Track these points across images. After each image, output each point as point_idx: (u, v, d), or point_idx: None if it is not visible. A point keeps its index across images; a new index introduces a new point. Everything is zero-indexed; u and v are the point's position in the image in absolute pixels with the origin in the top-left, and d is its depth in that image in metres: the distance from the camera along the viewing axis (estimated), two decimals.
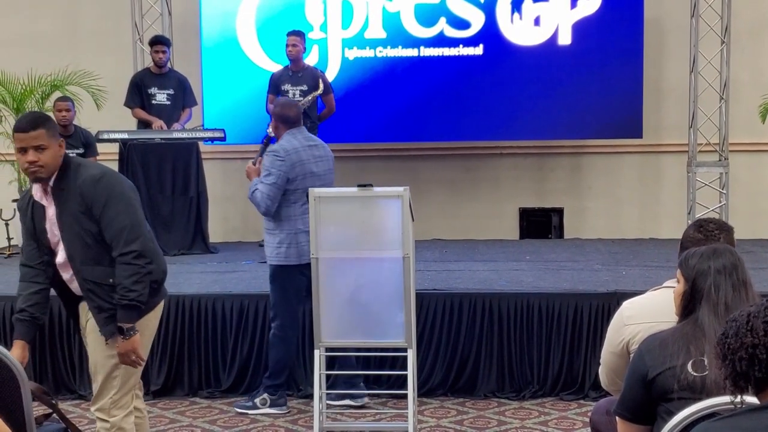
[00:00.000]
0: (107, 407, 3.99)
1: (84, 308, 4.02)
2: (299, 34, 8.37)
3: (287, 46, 8.29)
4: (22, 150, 3.78)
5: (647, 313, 3.29)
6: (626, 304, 3.40)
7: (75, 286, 3.98)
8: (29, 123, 3.81)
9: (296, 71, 8.34)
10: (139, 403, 4.26)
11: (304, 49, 8.43)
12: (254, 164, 5.77)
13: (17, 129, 3.82)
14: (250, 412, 5.73)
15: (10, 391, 3.28)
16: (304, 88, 8.26)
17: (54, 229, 3.90)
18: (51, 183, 3.86)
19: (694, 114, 9.17)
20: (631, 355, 3.24)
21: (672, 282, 3.33)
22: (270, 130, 8.37)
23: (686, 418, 2.52)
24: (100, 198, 3.80)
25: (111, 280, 3.86)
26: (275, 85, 8.37)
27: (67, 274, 3.97)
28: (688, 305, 2.91)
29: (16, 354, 3.82)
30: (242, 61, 9.19)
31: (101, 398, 4.01)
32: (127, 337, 3.85)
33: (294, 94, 8.24)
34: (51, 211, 3.89)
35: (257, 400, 5.75)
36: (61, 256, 3.94)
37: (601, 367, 3.51)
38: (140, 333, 3.93)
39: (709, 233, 3.42)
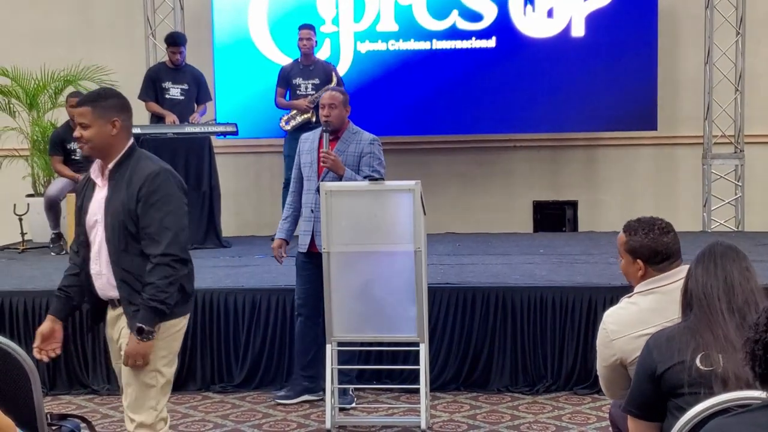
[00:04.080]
0: (152, 421, 3.77)
1: (114, 318, 3.84)
2: (311, 28, 8.35)
3: (300, 39, 8.25)
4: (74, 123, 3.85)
5: (630, 323, 3.29)
6: (607, 319, 3.37)
7: (100, 283, 3.80)
8: (80, 98, 3.78)
9: (307, 65, 8.31)
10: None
11: (316, 42, 8.41)
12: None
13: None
14: None
15: (20, 386, 3.28)
16: (316, 81, 8.23)
17: (98, 213, 3.77)
18: (110, 166, 3.77)
19: (709, 106, 9.12)
20: (629, 369, 3.23)
21: (643, 286, 3.35)
22: (282, 123, 8.39)
23: (699, 414, 2.49)
24: (152, 195, 3.69)
25: None
26: (285, 79, 8.35)
27: (97, 266, 3.79)
28: (690, 303, 2.92)
29: (44, 327, 3.82)
30: (254, 55, 9.18)
31: (141, 410, 3.76)
32: (144, 340, 3.66)
33: (306, 88, 8.21)
34: (102, 194, 3.78)
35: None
36: (97, 244, 3.78)
37: (600, 378, 3.49)
38: (168, 340, 3.78)
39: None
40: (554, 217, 9.58)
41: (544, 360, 5.97)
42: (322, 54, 8.91)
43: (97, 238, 3.78)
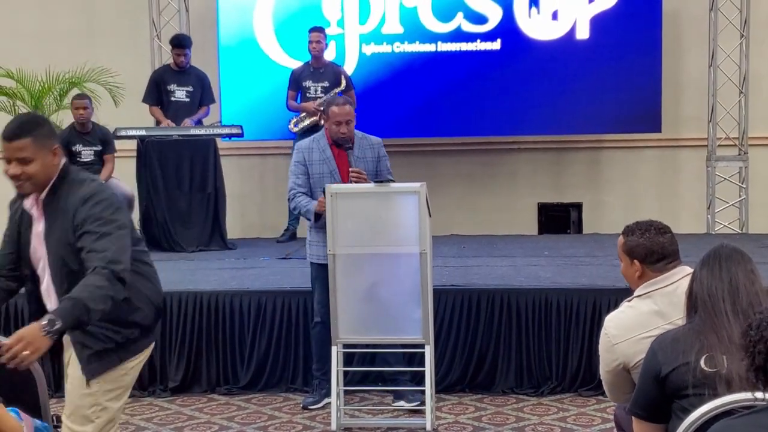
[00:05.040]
0: None
1: (67, 341, 3.44)
2: (321, 31, 8.34)
3: (310, 42, 8.24)
4: (7, 160, 3.32)
5: (631, 327, 3.29)
6: (608, 323, 3.38)
7: None
8: (12, 131, 3.31)
9: (317, 67, 8.30)
10: None
11: (326, 45, 8.41)
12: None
13: (2, 136, 3.32)
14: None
15: (27, 388, 3.30)
16: (326, 84, 8.23)
17: (40, 248, 3.41)
18: (43, 195, 3.39)
19: (713, 108, 9.11)
20: (632, 374, 3.24)
21: (642, 289, 3.37)
22: (291, 126, 8.40)
23: (703, 415, 2.50)
24: (86, 221, 3.28)
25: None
26: (296, 82, 8.34)
27: (50, 304, 3.42)
28: (695, 305, 2.93)
29: None
30: (259, 57, 9.20)
31: None
32: (46, 336, 3.02)
33: (316, 91, 8.22)
34: (39, 227, 3.41)
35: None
36: (46, 282, 3.44)
37: (603, 383, 3.50)
38: (120, 375, 3.46)
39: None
40: (559, 218, 9.57)
41: (549, 362, 5.97)
42: (327, 56, 8.92)
43: (45, 276, 3.45)
